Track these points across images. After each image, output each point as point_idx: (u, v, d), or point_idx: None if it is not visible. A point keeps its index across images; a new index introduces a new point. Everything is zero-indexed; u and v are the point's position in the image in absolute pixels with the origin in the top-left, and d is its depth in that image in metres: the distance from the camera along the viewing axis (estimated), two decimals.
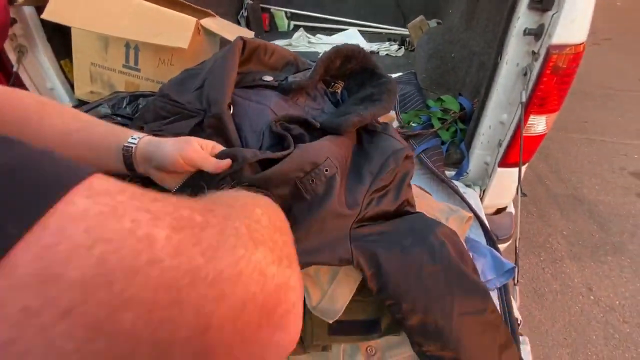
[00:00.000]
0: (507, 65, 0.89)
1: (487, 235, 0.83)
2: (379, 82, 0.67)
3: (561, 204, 2.05)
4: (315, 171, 0.51)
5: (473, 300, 0.54)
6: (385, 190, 0.57)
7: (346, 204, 0.54)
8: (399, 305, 0.51)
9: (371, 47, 2.09)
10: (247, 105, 0.62)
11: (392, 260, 0.51)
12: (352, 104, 0.67)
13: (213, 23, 1.13)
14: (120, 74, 1.07)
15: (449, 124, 1.16)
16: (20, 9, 1.03)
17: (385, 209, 0.57)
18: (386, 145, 0.60)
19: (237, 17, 2.24)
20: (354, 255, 0.50)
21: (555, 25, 0.76)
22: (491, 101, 0.95)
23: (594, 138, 2.57)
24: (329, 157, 0.53)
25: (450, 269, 0.53)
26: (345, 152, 0.59)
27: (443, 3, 2.02)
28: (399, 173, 0.59)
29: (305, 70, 0.73)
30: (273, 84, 0.67)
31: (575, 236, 1.87)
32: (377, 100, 0.63)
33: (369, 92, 0.66)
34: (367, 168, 0.57)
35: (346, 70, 0.72)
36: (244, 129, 0.59)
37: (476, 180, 1.08)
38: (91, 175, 0.16)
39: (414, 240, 0.53)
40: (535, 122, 0.90)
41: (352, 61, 0.69)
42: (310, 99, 0.68)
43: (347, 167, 0.58)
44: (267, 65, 0.72)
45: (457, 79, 1.42)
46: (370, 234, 0.53)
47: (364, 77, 0.72)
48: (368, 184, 0.56)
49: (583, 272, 1.70)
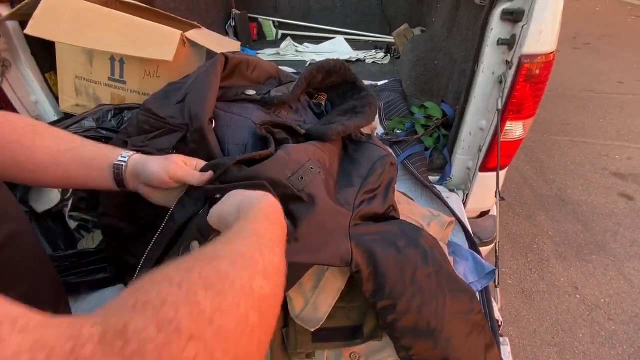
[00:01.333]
0: (484, 73, 0.92)
1: (469, 239, 0.85)
2: (360, 96, 0.71)
3: (546, 205, 2.09)
4: (302, 169, 0.53)
5: (462, 301, 0.56)
6: (374, 193, 0.60)
7: (339, 203, 0.56)
8: (394, 306, 0.52)
9: (358, 54, 2.13)
10: (229, 119, 0.63)
11: (389, 260, 0.52)
12: (336, 115, 0.70)
13: (199, 35, 1.15)
14: (106, 86, 1.08)
15: (432, 130, 1.19)
16: (3, 24, 1.03)
17: (375, 211, 0.59)
18: (372, 152, 0.64)
19: (225, 26, 2.26)
20: (353, 254, 0.51)
21: (526, 36, 0.79)
22: (470, 108, 0.98)
23: (576, 140, 2.64)
24: (311, 159, 0.56)
25: (441, 271, 0.55)
26: (330, 157, 0.61)
27: (426, 12, 2.08)
28: (385, 179, 0.61)
29: (288, 84, 0.75)
30: (255, 98, 0.68)
31: (561, 236, 1.91)
32: (360, 113, 0.67)
33: (352, 105, 0.69)
34: (355, 172, 0.60)
35: (328, 83, 0.75)
36: (226, 141, 0.61)
37: (459, 185, 1.11)
38: None
39: (408, 242, 0.55)
40: (513, 127, 0.93)
41: (334, 75, 0.72)
42: (292, 111, 0.70)
43: (333, 171, 0.60)
44: (250, 79, 0.74)
45: (440, 86, 1.46)
46: (368, 232, 0.55)
47: (345, 88, 0.76)
48: (358, 186, 0.58)
49: (569, 271, 1.73)
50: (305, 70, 0.71)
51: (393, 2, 2.29)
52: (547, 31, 0.78)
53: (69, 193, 0.85)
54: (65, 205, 0.85)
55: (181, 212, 0.52)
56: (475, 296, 0.58)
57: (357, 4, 2.36)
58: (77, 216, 0.82)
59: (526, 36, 0.79)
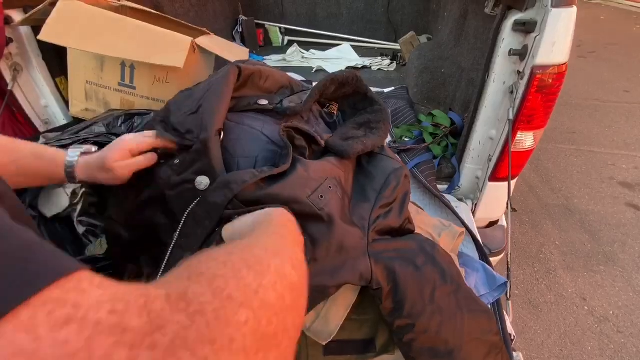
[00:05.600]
0: (495, 83, 0.91)
1: (479, 250, 0.84)
2: (374, 109, 0.71)
3: (553, 215, 2.08)
4: (321, 187, 0.53)
5: (480, 321, 0.55)
6: (390, 207, 0.59)
7: (355, 220, 0.55)
8: (412, 325, 0.51)
9: (364, 61, 2.13)
10: (240, 131, 0.63)
11: (408, 278, 0.52)
12: (351, 128, 0.69)
13: (208, 41, 1.16)
14: (116, 91, 1.08)
15: (441, 139, 1.18)
16: (16, 29, 1.04)
17: (391, 225, 0.58)
18: (385, 165, 0.63)
19: (232, 32, 2.27)
20: (372, 272, 0.51)
21: (538, 47, 0.79)
22: (480, 118, 0.97)
23: (582, 149, 2.63)
24: (329, 177, 0.56)
25: (459, 290, 0.54)
26: (345, 174, 0.61)
27: (433, 20, 2.08)
28: (400, 192, 0.60)
29: (300, 93, 0.75)
30: (268, 108, 0.68)
31: (568, 246, 1.89)
32: (375, 129, 0.67)
33: (367, 119, 0.69)
34: (370, 186, 0.59)
35: (340, 94, 0.75)
36: (236, 154, 0.60)
37: (468, 194, 1.10)
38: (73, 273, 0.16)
39: (426, 259, 0.54)
40: (523, 137, 0.92)
41: (346, 86, 0.72)
42: (304, 121, 0.69)
43: (348, 188, 0.60)
44: (262, 89, 0.73)
45: (448, 94, 1.45)
46: (385, 250, 0.54)
47: (357, 99, 0.75)
48: (373, 200, 0.58)
49: (576, 282, 1.71)
50: (319, 82, 0.71)
51: (399, 9, 2.30)
52: (560, 42, 0.78)
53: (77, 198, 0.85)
54: (73, 210, 0.85)
55: (193, 227, 0.51)
56: (493, 316, 0.57)
57: (363, 12, 2.37)
58: (85, 221, 0.82)
59: (539, 47, 0.79)
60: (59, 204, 0.85)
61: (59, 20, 0.92)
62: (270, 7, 2.39)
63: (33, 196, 0.84)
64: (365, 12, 2.37)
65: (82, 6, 0.96)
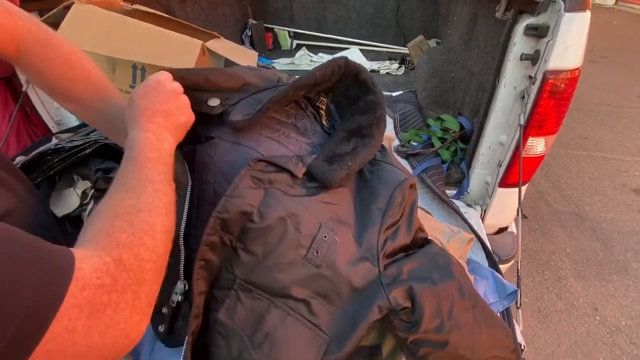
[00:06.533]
0: (505, 88, 0.90)
1: (488, 257, 0.83)
2: (366, 101, 0.59)
3: (564, 221, 2.04)
4: (315, 242, 0.50)
5: (498, 337, 0.54)
6: (396, 225, 0.56)
7: (362, 252, 0.52)
8: (428, 340, 0.50)
9: (372, 65, 2.13)
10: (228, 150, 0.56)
11: (426, 294, 0.50)
12: (340, 140, 0.59)
13: (218, 45, 1.17)
14: (127, 94, 1.10)
15: (449, 144, 1.17)
16: None
17: (402, 243, 0.55)
18: (389, 176, 0.58)
19: (242, 36, 2.30)
20: (390, 300, 0.49)
21: (551, 52, 0.78)
22: (490, 123, 0.96)
23: (594, 154, 2.58)
24: (322, 223, 0.51)
25: (477, 305, 0.52)
26: (341, 202, 0.56)
27: (442, 24, 2.08)
28: (407, 205, 0.57)
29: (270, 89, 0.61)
30: (215, 112, 0.56)
31: (579, 254, 1.85)
32: (367, 136, 0.58)
33: (357, 123, 0.59)
34: (374, 205, 0.55)
35: (323, 88, 0.63)
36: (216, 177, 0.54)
37: (477, 199, 1.09)
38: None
39: (442, 274, 0.53)
40: (535, 143, 0.91)
41: (326, 82, 0.60)
42: (300, 132, 0.62)
43: (346, 214, 0.55)
44: (220, 85, 0.58)
45: (457, 98, 1.44)
46: (398, 274, 0.52)
47: (347, 83, 0.62)
48: (379, 223, 0.53)
49: (588, 291, 1.67)
50: (277, 92, 0.56)
51: (408, 13, 2.30)
52: (573, 47, 0.77)
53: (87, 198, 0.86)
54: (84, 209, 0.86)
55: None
56: (511, 333, 0.55)
57: (372, 16, 2.37)
58: None
59: (551, 51, 0.78)
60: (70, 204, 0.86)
61: (73, 23, 0.93)
62: (280, 11, 2.41)
63: (44, 195, 0.85)
64: (374, 16, 2.37)
65: (95, 10, 0.98)
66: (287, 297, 0.48)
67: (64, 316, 0.26)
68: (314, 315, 0.48)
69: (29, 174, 0.84)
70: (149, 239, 0.35)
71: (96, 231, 0.34)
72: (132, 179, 0.41)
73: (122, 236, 0.33)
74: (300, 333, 0.48)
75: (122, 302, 0.30)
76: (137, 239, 0.34)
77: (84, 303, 0.27)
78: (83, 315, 0.27)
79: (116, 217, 0.35)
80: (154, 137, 0.45)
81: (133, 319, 0.30)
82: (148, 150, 0.44)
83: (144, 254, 0.33)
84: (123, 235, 0.33)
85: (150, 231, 0.36)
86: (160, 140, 0.46)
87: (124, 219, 0.35)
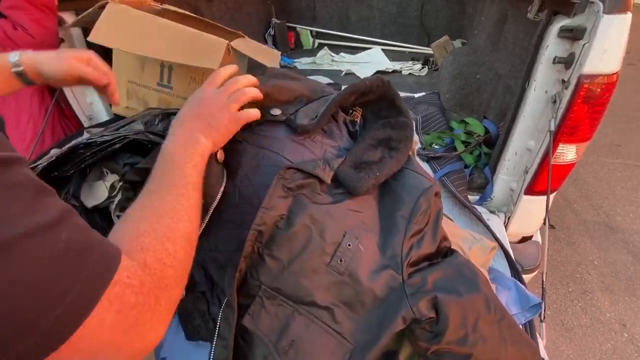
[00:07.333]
0: (536, 92, 0.87)
1: (511, 266, 0.80)
2: (398, 122, 0.63)
3: (592, 232, 1.94)
4: (339, 249, 0.50)
5: (524, 354, 0.52)
6: (422, 233, 0.55)
7: (385, 260, 0.52)
8: (450, 352, 0.49)
9: (394, 66, 2.10)
10: (260, 157, 0.58)
11: (452, 305, 0.49)
12: (368, 146, 0.62)
13: (243, 44, 1.18)
14: (154, 91, 1.13)
15: (473, 148, 1.14)
16: (68, 30, 1.12)
17: (426, 252, 0.55)
18: (413, 183, 0.57)
19: (265, 35, 2.32)
20: (414, 311, 0.49)
21: (587, 55, 0.74)
22: (518, 127, 0.93)
23: (628, 163, 2.45)
24: (347, 231, 0.52)
25: (503, 320, 0.51)
26: (365, 209, 0.56)
27: (468, 24, 2.02)
28: (432, 213, 0.56)
29: (319, 100, 0.69)
30: (280, 119, 0.63)
31: (608, 267, 1.76)
32: (395, 150, 0.60)
33: (387, 135, 0.62)
34: (398, 212, 0.55)
35: (363, 100, 0.68)
36: (257, 182, 0.56)
37: (500, 206, 1.05)
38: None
39: (468, 286, 0.52)
40: (565, 150, 0.87)
41: (369, 94, 0.66)
42: (326, 135, 0.64)
43: (371, 221, 0.56)
44: (278, 101, 0.67)
45: (482, 101, 1.40)
46: (423, 284, 0.52)
47: (381, 106, 0.69)
48: (403, 231, 0.53)
49: (616, 306, 1.59)
50: (339, 93, 0.64)
51: (433, 13, 2.25)
52: (612, 50, 0.73)
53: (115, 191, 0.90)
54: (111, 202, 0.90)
55: None
56: (538, 351, 0.53)
57: (395, 15, 2.34)
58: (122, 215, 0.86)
59: (587, 55, 0.74)
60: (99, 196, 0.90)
61: (107, 23, 0.97)
62: (303, 10, 2.42)
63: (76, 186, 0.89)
64: (398, 16, 2.34)
65: (128, 10, 1.01)
66: (310, 304, 0.49)
67: (99, 306, 0.26)
68: (337, 323, 0.49)
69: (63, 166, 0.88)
70: (170, 245, 0.35)
71: (123, 233, 0.35)
72: (157, 183, 0.41)
73: (146, 240, 0.34)
74: (325, 341, 0.48)
75: (146, 304, 0.30)
76: (159, 244, 0.34)
77: (114, 298, 0.27)
78: (113, 310, 0.27)
79: (141, 221, 0.36)
80: (184, 139, 0.46)
81: (153, 322, 0.31)
82: (175, 153, 0.45)
83: (166, 259, 0.34)
84: (147, 239, 0.34)
85: (172, 236, 0.36)
86: (193, 141, 0.46)
87: (147, 223, 0.36)
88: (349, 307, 0.49)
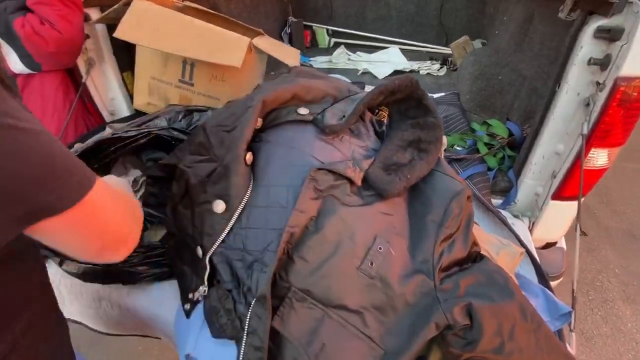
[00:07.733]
0: (567, 94, 0.84)
1: (539, 273, 0.78)
2: (426, 122, 0.62)
3: (614, 239, 1.89)
4: (370, 253, 0.50)
5: None
6: (453, 238, 0.54)
7: (416, 265, 0.51)
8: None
9: (412, 65, 2.08)
10: (283, 155, 0.58)
11: (485, 312, 0.48)
12: (397, 147, 0.61)
13: (263, 42, 1.18)
14: (176, 87, 1.14)
15: (497, 150, 1.11)
16: (93, 26, 1.13)
17: (458, 257, 0.54)
18: (444, 187, 0.56)
19: (281, 33, 2.32)
20: (447, 317, 0.48)
21: (625, 57, 0.71)
22: (546, 130, 0.90)
23: None
24: (378, 234, 0.51)
25: (540, 328, 0.50)
26: (396, 213, 0.56)
27: (488, 24, 1.98)
28: (464, 217, 0.55)
29: (346, 99, 0.69)
30: (307, 119, 0.62)
31: (630, 275, 1.71)
32: (425, 152, 0.59)
33: (417, 136, 0.61)
34: (429, 216, 0.54)
35: (390, 100, 0.67)
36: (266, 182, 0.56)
37: (525, 211, 1.03)
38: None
39: (501, 293, 0.51)
40: (596, 155, 0.84)
41: (397, 93, 0.64)
42: (354, 135, 0.64)
43: (403, 227, 0.55)
44: (305, 101, 0.67)
45: (504, 102, 1.37)
46: (455, 289, 0.51)
47: (409, 105, 0.67)
48: (434, 235, 0.52)
49: (638, 316, 1.54)
50: (367, 93, 0.63)
51: (452, 12, 2.21)
52: None
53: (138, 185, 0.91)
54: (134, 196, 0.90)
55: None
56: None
57: (413, 14, 2.31)
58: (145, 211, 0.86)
59: (625, 57, 0.71)
60: None
61: (133, 19, 0.98)
62: (320, 8, 2.40)
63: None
64: (416, 15, 2.30)
65: (152, 6, 1.02)
66: (341, 307, 0.48)
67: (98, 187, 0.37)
68: (368, 328, 0.48)
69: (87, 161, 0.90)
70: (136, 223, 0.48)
71: None
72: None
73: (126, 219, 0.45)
74: (356, 345, 0.47)
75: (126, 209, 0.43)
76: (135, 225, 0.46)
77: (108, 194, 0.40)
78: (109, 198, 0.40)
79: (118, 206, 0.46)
80: None
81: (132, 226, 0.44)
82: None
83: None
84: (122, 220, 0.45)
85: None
86: None
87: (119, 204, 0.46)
88: (380, 312, 0.49)
